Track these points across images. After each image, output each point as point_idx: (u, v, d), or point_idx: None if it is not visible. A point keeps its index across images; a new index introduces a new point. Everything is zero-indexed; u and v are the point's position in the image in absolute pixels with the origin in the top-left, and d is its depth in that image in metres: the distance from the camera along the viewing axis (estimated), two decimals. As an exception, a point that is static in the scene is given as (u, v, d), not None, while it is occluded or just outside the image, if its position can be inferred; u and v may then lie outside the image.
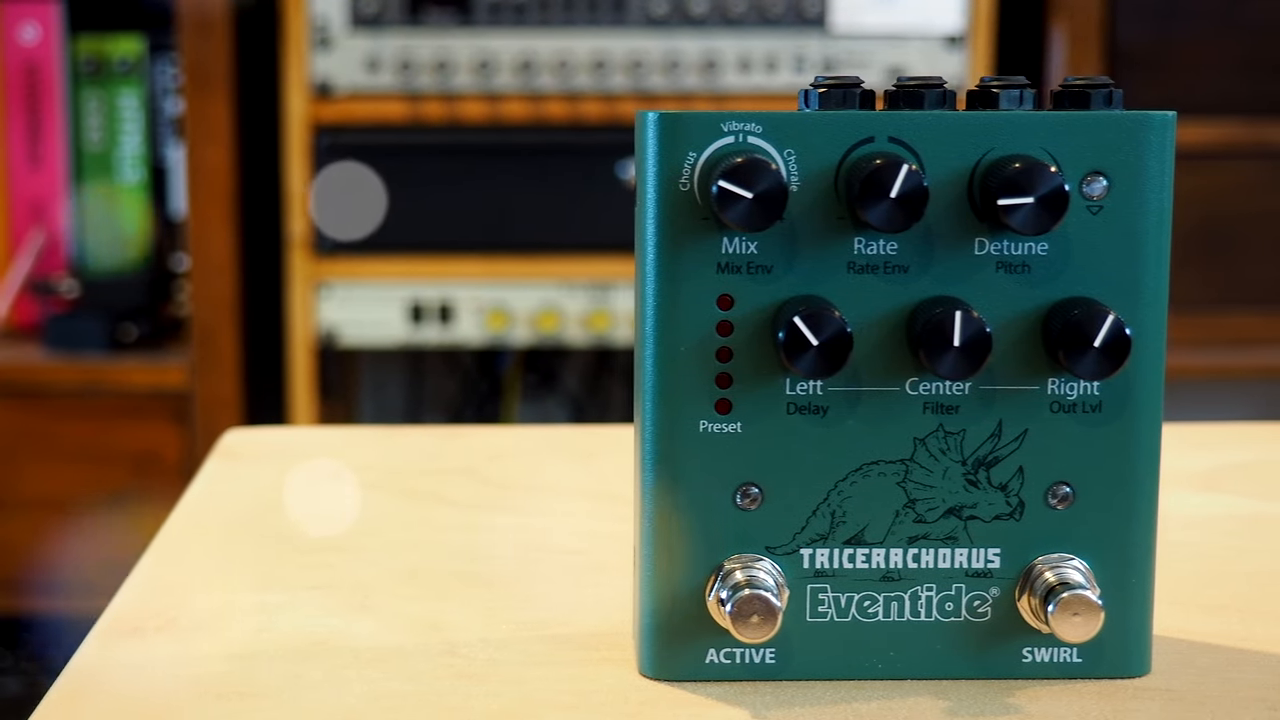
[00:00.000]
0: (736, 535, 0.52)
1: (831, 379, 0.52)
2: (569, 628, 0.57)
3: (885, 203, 0.50)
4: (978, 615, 0.53)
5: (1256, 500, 0.71)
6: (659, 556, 0.53)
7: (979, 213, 0.51)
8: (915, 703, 0.51)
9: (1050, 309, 0.52)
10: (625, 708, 0.51)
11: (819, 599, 0.53)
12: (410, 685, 0.52)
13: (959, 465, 0.52)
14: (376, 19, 1.81)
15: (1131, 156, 0.51)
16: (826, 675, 0.53)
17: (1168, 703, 0.52)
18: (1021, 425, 0.52)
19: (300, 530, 0.67)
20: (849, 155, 0.51)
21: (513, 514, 0.69)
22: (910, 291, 0.52)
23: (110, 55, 1.91)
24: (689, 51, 1.82)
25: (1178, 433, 0.82)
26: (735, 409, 0.52)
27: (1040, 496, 0.53)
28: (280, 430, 0.82)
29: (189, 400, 1.85)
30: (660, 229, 0.51)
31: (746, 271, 0.51)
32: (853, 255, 0.51)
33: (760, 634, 0.51)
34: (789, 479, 0.52)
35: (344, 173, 1.81)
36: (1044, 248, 0.52)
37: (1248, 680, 0.53)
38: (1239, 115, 1.82)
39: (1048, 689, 0.52)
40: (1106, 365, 0.51)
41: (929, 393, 0.52)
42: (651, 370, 0.52)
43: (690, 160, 0.51)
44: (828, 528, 0.53)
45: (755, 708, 0.51)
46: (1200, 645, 0.56)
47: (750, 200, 0.49)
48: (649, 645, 0.53)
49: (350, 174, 1.81)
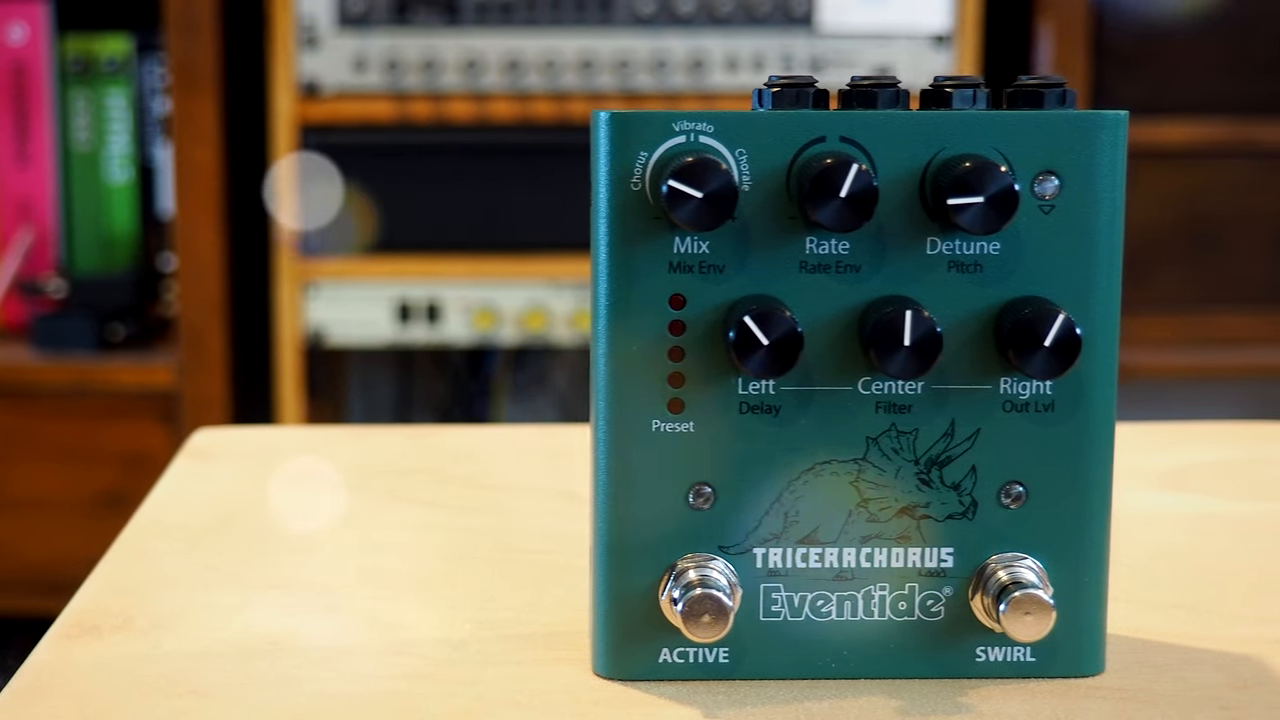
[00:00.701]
0: (689, 535, 0.53)
1: (784, 378, 0.52)
2: (528, 627, 0.57)
3: (835, 202, 0.50)
4: (931, 615, 0.53)
5: (1219, 499, 0.71)
6: (612, 556, 0.53)
7: (930, 212, 0.51)
8: (867, 702, 0.51)
9: (1002, 308, 0.52)
10: (577, 707, 0.51)
11: (772, 598, 0.53)
12: (363, 685, 0.52)
13: (912, 465, 0.52)
14: (363, 19, 1.81)
15: (1083, 156, 0.51)
16: (780, 675, 0.53)
17: (1120, 702, 0.52)
18: (974, 425, 0.52)
19: (263, 530, 0.67)
20: (800, 155, 0.51)
21: (478, 514, 0.70)
22: (862, 291, 0.52)
23: (98, 55, 1.91)
24: (676, 51, 1.82)
25: (1144, 432, 0.82)
26: (688, 408, 0.52)
27: (993, 496, 0.53)
28: (250, 430, 0.82)
29: (177, 400, 1.85)
30: (612, 229, 0.51)
31: (698, 271, 0.51)
32: (805, 255, 0.51)
33: (711, 633, 0.51)
34: (741, 478, 0.52)
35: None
36: (996, 247, 0.52)
37: (1201, 679, 0.53)
38: (1226, 114, 1.82)
39: (1000, 688, 0.52)
40: (1057, 365, 0.51)
41: (881, 392, 0.52)
42: (604, 370, 0.52)
43: (642, 160, 0.51)
44: (781, 527, 0.53)
45: (707, 707, 0.51)
46: (1155, 644, 0.56)
47: (700, 200, 0.50)
48: (603, 645, 0.53)
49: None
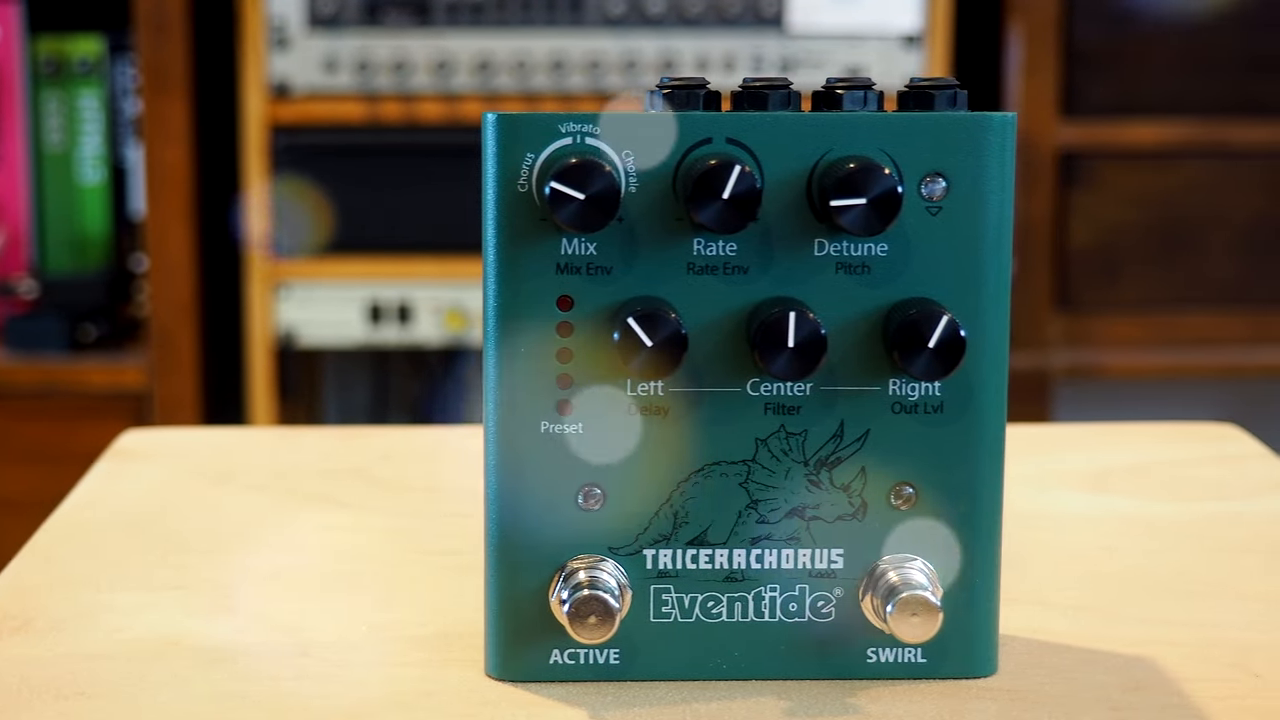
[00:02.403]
0: (579, 536, 0.53)
1: (672, 380, 0.52)
2: (426, 628, 0.57)
3: (718, 204, 0.50)
4: (821, 616, 0.53)
5: (1142, 501, 0.71)
6: (503, 557, 0.53)
7: (818, 214, 0.51)
8: (756, 703, 0.51)
9: (890, 310, 0.52)
10: (464, 708, 0.51)
11: (662, 599, 0.53)
12: (254, 686, 0.52)
13: (801, 466, 0.52)
14: (334, 19, 1.81)
15: (971, 158, 0.51)
16: (670, 676, 0.53)
17: (1008, 703, 0.52)
18: (863, 426, 0.52)
19: (175, 531, 0.67)
20: (687, 156, 0.51)
21: (394, 515, 0.70)
22: (750, 292, 0.52)
23: (70, 56, 1.91)
24: (646, 51, 1.82)
25: (1072, 433, 0.82)
26: (576, 409, 0.52)
27: (883, 497, 0.53)
28: (178, 430, 0.82)
29: (148, 401, 1.85)
30: (500, 230, 0.52)
31: (586, 273, 0.52)
32: (692, 256, 0.52)
33: (598, 635, 0.51)
34: (631, 480, 0.52)
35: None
36: (884, 249, 0.52)
37: (1094, 681, 0.53)
38: (1196, 115, 1.82)
39: (890, 689, 0.53)
40: (941, 366, 0.51)
41: (770, 393, 0.52)
42: (494, 371, 0.52)
43: (529, 161, 0.51)
44: (670, 528, 0.53)
45: (594, 708, 0.51)
46: (1053, 645, 0.56)
47: (582, 201, 0.50)
48: (494, 646, 0.53)
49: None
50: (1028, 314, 1.83)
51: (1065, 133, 1.81)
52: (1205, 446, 0.78)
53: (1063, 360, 1.83)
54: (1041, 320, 1.83)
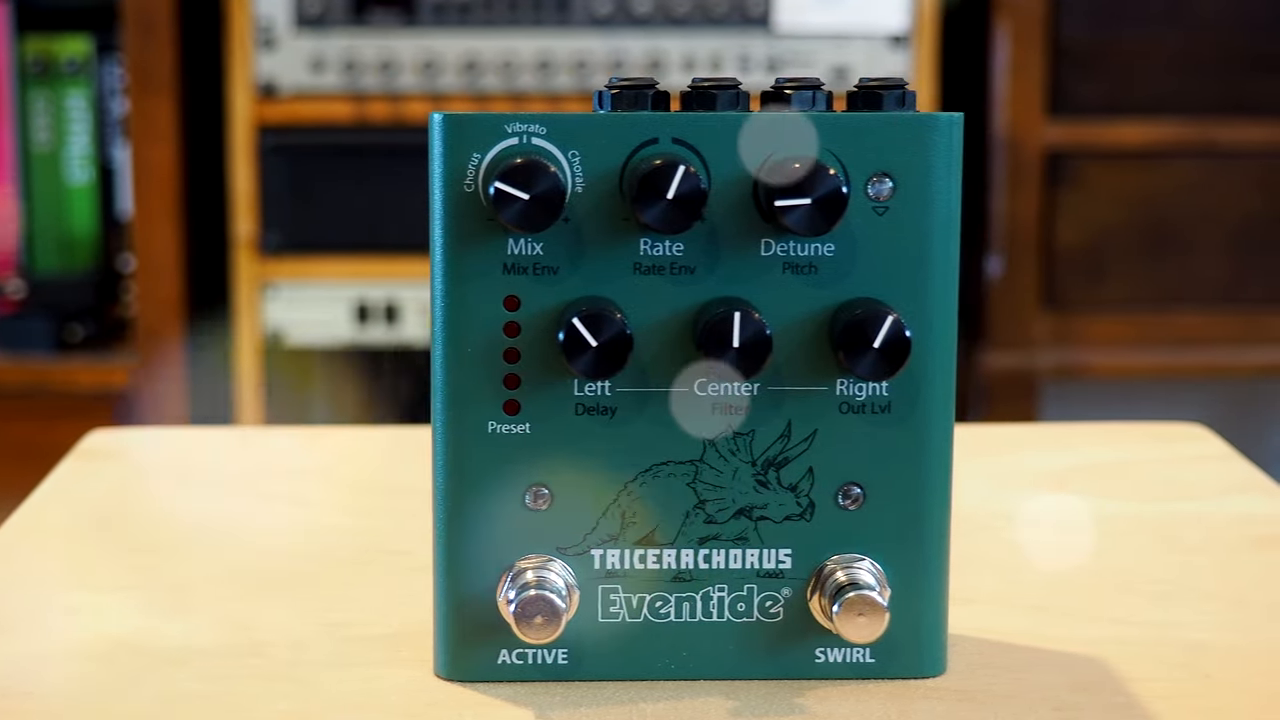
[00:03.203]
0: (527, 536, 0.53)
1: (619, 380, 0.52)
2: (379, 628, 0.57)
3: (662, 204, 0.50)
4: (770, 616, 0.53)
5: (1104, 500, 0.71)
6: (452, 557, 0.53)
7: (764, 214, 0.51)
8: (703, 703, 0.52)
9: (836, 310, 0.52)
10: (411, 708, 0.51)
11: (610, 599, 0.53)
12: (203, 686, 0.52)
13: (749, 466, 0.52)
14: (321, 19, 1.81)
15: (917, 157, 0.51)
16: (619, 676, 0.53)
17: (955, 703, 0.52)
18: (811, 426, 0.52)
19: (135, 531, 0.67)
20: (633, 157, 0.51)
21: (354, 515, 0.70)
22: (697, 292, 0.52)
23: (58, 55, 1.91)
24: (633, 51, 1.82)
25: (1037, 433, 0.82)
26: (524, 410, 0.52)
27: (830, 497, 0.53)
28: (143, 430, 0.82)
29: (135, 401, 1.85)
30: (447, 230, 0.52)
31: (532, 273, 0.52)
32: (638, 256, 0.52)
33: (544, 635, 0.51)
34: (578, 480, 0.52)
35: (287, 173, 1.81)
36: (830, 248, 0.52)
37: (1041, 681, 0.53)
38: (1183, 114, 1.82)
39: (838, 689, 0.53)
40: (886, 366, 0.51)
41: (717, 393, 0.52)
42: (441, 371, 0.52)
43: (475, 162, 0.51)
44: (618, 528, 0.53)
45: (541, 708, 0.51)
46: (1004, 645, 0.56)
47: (526, 201, 0.50)
48: (443, 646, 0.53)
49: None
50: (1015, 313, 1.83)
51: (1052, 132, 1.81)
52: (1171, 447, 0.78)
53: (1050, 360, 1.83)
54: (1028, 320, 1.83)
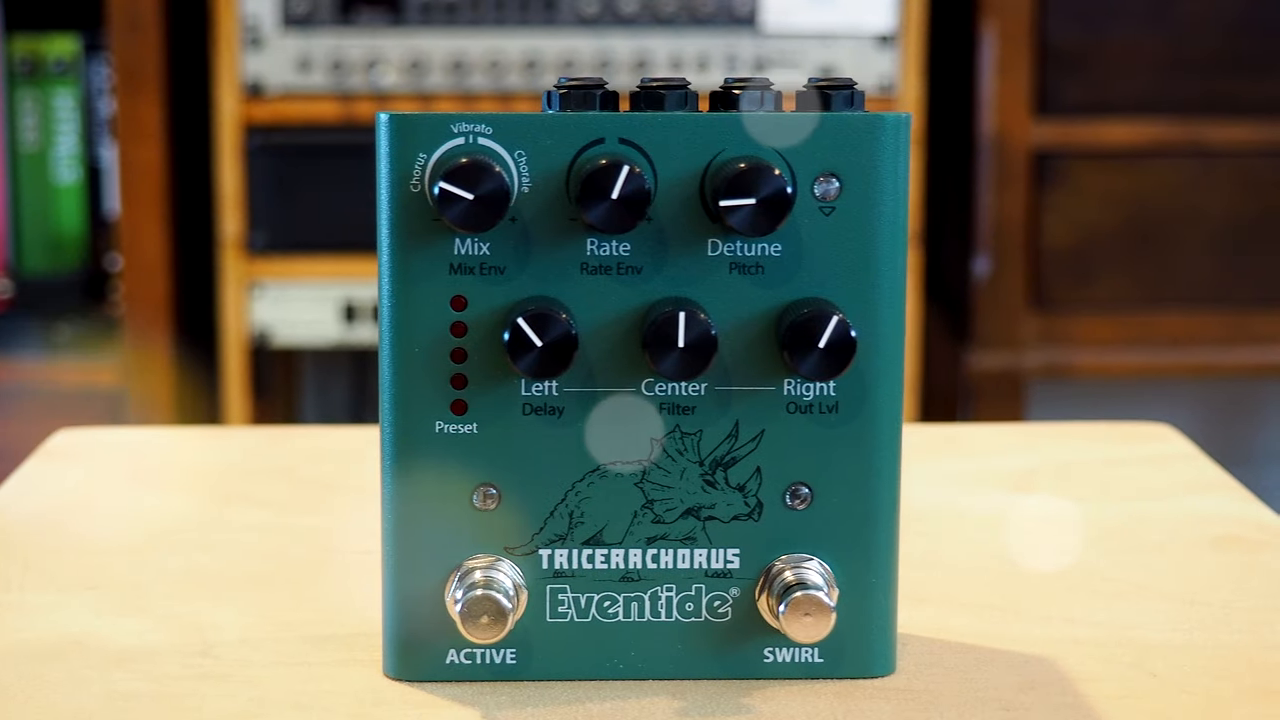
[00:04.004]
0: (475, 536, 0.53)
1: (567, 380, 0.52)
2: (331, 628, 0.57)
3: (607, 204, 0.50)
4: (718, 615, 0.53)
5: (1064, 500, 0.71)
6: (400, 557, 0.53)
7: (711, 214, 0.51)
8: (649, 703, 0.52)
9: (784, 310, 0.52)
10: (358, 708, 0.51)
11: (559, 599, 0.53)
12: (151, 686, 0.52)
13: (696, 466, 0.52)
14: (307, 19, 1.81)
15: (864, 158, 0.51)
16: (567, 675, 0.53)
17: (902, 703, 0.52)
18: (758, 426, 0.52)
19: (93, 531, 0.67)
20: (579, 157, 0.51)
21: (315, 514, 0.70)
22: (644, 292, 0.52)
23: (46, 55, 1.91)
24: (620, 51, 1.82)
25: (1004, 432, 0.82)
26: (471, 410, 0.52)
27: (778, 497, 0.53)
28: (108, 430, 0.82)
29: (122, 401, 1.85)
30: (394, 230, 0.52)
31: (479, 273, 0.52)
32: (585, 256, 0.52)
33: (490, 634, 0.51)
34: (526, 480, 0.52)
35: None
36: (777, 249, 0.52)
37: (990, 680, 0.53)
38: (1169, 114, 1.82)
39: (786, 689, 0.53)
40: (831, 366, 0.51)
41: (665, 393, 0.52)
42: (389, 371, 0.52)
43: (421, 162, 0.51)
44: (566, 528, 0.53)
45: (488, 708, 0.51)
46: (955, 645, 0.56)
47: (470, 201, 0.50)
48: (391, 646, 0.53)
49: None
50: (1002, 314, 1.83)
51: (1039, 132, 1.81)
52: (1135, 447, 0.78)
53: (1037, 360, 1.83)
54: (1016, 320, 1.83)
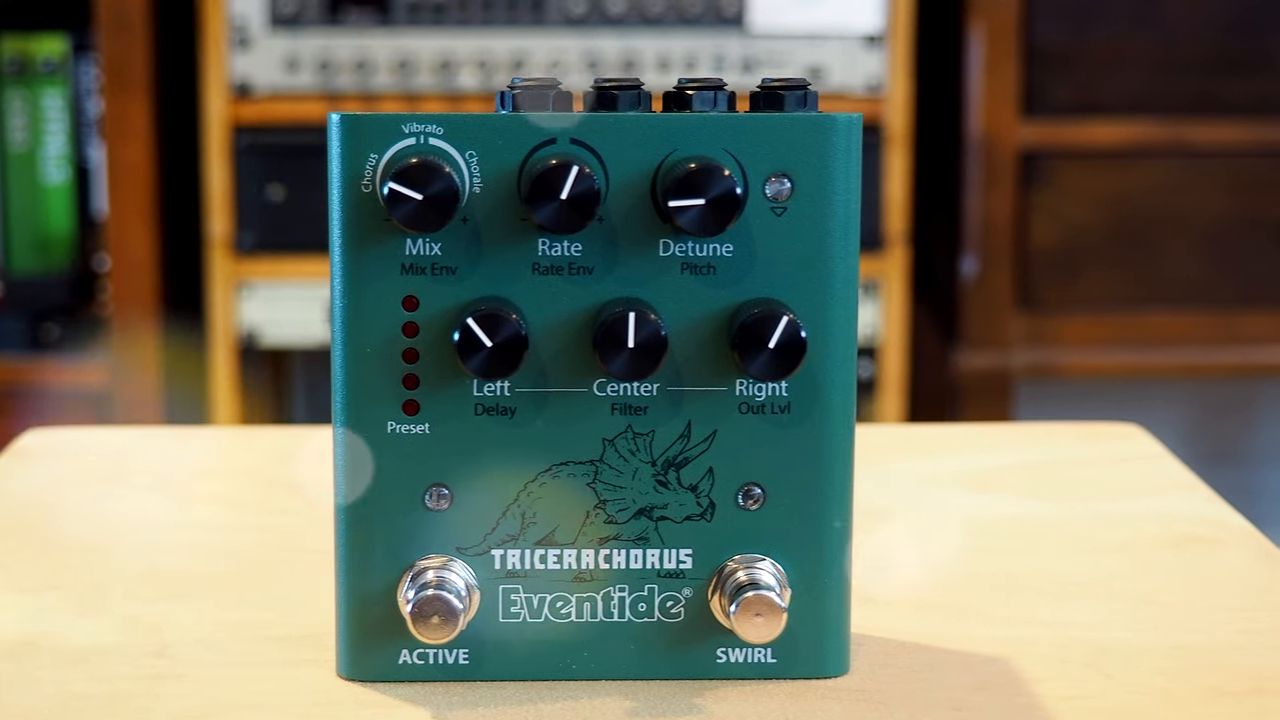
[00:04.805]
0: (427, 536, 0.53)
1: (519, 380, 0.52)
2: (289, 629, 0.57)
3: (556, 204, 0.50)
4: (671, 616, 0.53)
5: (1027, 500, 0.71)
6: (353, 557, 0.53)
7: (662, 215, 0.51)
8: (601, 703, 0.52)
9: (735, 310, 0.52)
10: (309, 709, 0.51)
11: (511, 600, 0.53)
12: (104, 686, 0.52)
13: (649, 466, 0.53)
14: (295, 19, 1.81)
15: (815, 158, 0.51)
16: (520, 676, 0.53)
17: (854, 703, 0.52)
18: (710, 426, 0.52)
19: (58, 531, 0.67)
20: (530, 157, 0.51)
21: (279, 514, 0.70)
22: (595, 293, 0.52)
23: (34, 55, 1.91)
24: (608, 51, 1.82)
25: (971, 432, 0.82)
26: (423, 410, 0.52)
27: (731, 497, 0.53)
28: (78, 430, 0.82)
29: (110, 401, 1.85)
30: (345, 231, 0.52)
31: (431, 273, 0.52)
32: (537, 257, 0.52)
33: (441, 635, 0.51)
34: (478, 480, 0.52)
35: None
36: (729, 249, 0.52)
37: (943, 680, 0.53)
38: (1157, 115, 1.82)
39: (738, 689, 0.53)
40: (781, 367, 0.51)
41: (617, 394, 0.52)
42: (340, 371, 0.52)
43: (372, 162, 0.51)
44: (518, 528, 0.53)
45: (439, 708, 0.51)
46: (910, 645, 0.56)
47: (419, 202, 0.50)
48: (344, 646, 0.53)
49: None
50: (989, 314, 1.83)
51: (1026, 132, 1.81)
52: (1102, 446, 0.78)
53: (1024, 360, 1.83)
54: (1003, 320, 1.83)
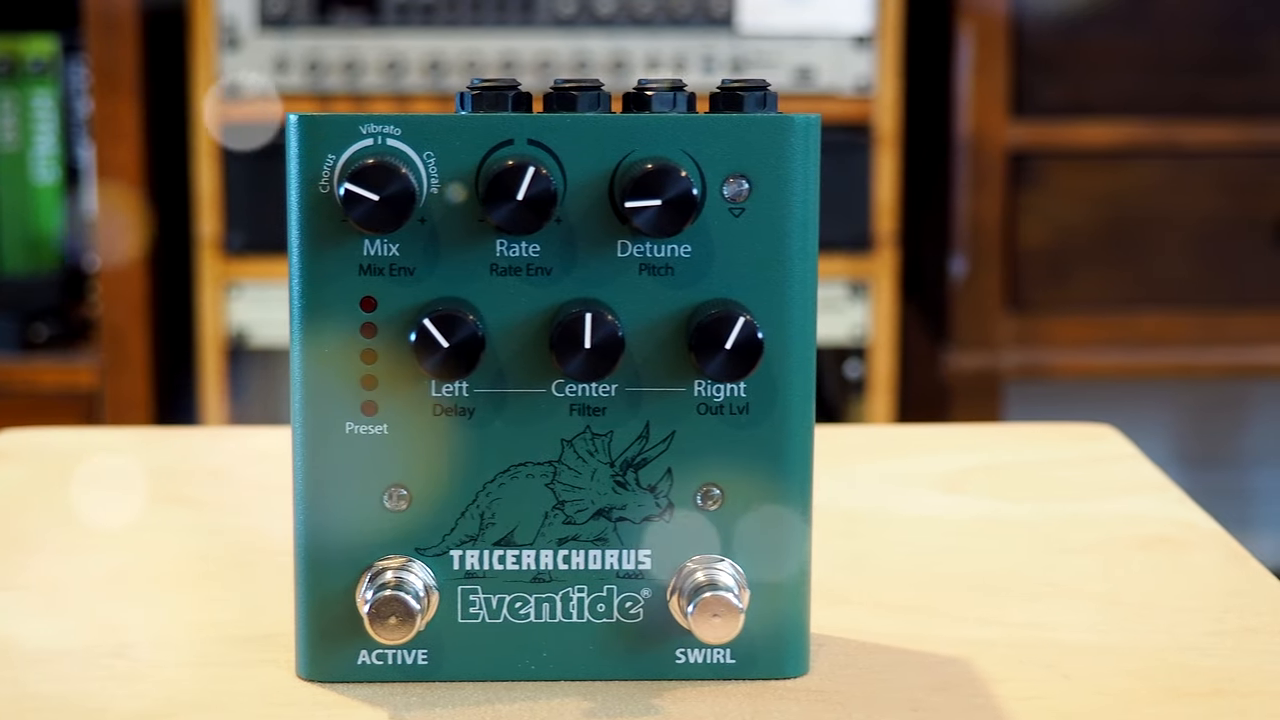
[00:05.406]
0: (386, 537, 0.53)
1: (477, 381, 0.52)
2: (249, 629, 0.57)
3: (512, 205, 0.50)
4: (630, 616, 0.53)
5: (994, 501, 0.71)
6: (311, 558, 0.53)
7: (620, 216, 0.51)
8: (559, 704, 0.51)
9: (693, 311, 0.52)
10: (266, 709, 0.51)
11: (470, 600, 0.53)
12: (60, 686, 0.52)
13: (607, 467, 0.52)
14: (284, 20, 1.81)
15: (773, 159, 0.51)
16: (479, 676, 0.53)
17: (811, 704, 0.52)
18: (669, 427, 0.52)
19: (23, 532, 0.67)
20: (488, 158, 0.51)
21: (246, 515, 0.70)
22: (553, 294, 0.52)
23: (24, 55, 1.91)
24: (597, 52, 1.82)
25: (944, 433, 0.82)
26: (381, 410, 0.52)
27: (690, 498, 0.53)
28: (51, 431, 0.82)
29: (99, 401, 1.85)
30: (303, 231, 0.52)
31: (389, 274, 0.52)
32: (495, 258, 0.52)
33: (398, 635, 0.51)
34: (437, 481, 0.52)
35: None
36: (687, 250, 0.52)
37: (902, 681, 0.53)
38: (1147, 115, 1.82)
39: (696, 690, 0.52)
40: (738, 367, 0.51)
41: (575, 394, 0.52)
42: (299, 372, 0.52)
43: (330, 163, 0.51)
44: (477, 529, 0.53)
45: (396, 709, 0.51)
46: (872, 646, 0.56)
47: (375, 203, 0.50)
48: (303, 646, 0.53)
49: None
50: (979, 314, 1.83)
51: (1015, 133, 1.81)
52: (1074, 447, 0.78)
53: (1014, 361, 1.83)
54: (992, 321, 1.83)
